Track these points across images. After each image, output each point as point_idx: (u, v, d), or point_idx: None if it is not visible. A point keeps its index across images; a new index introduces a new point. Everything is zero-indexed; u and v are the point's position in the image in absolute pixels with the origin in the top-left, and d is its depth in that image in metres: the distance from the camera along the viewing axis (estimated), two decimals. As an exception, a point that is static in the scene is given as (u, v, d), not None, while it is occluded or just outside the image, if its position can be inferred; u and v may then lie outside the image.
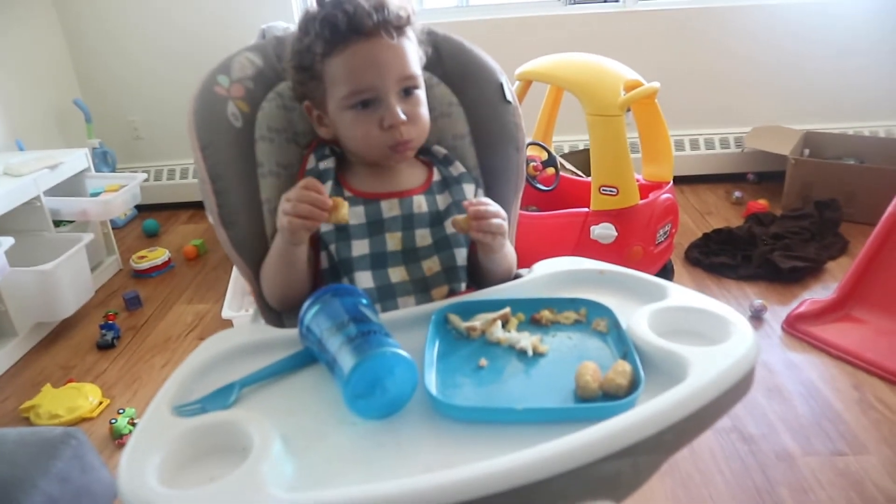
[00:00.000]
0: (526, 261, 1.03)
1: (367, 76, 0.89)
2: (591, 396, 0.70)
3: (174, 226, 3.20)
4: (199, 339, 2.22)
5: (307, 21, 0.91)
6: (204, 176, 0.93)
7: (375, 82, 0.89)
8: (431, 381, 0.73)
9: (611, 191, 2.02)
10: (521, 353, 0.79)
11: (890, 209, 1.95)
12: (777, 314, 2.11)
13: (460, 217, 0.90)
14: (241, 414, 0.70)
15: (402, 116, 0.90)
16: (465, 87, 1.06)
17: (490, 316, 0.84)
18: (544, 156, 2.21)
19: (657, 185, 2.17)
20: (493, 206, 0.90)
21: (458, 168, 1.03)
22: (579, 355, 0.79)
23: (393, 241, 0.96)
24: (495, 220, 0.89)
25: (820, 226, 2.59)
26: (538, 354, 0.79)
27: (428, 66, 1.02)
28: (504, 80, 1.07)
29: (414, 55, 0.93)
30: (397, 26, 0.90)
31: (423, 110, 0.95)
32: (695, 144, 3.21)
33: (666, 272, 2.29)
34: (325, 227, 0.95)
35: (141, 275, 2.68)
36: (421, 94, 0.95)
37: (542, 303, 0.88)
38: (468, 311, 0.87)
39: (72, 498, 1.10)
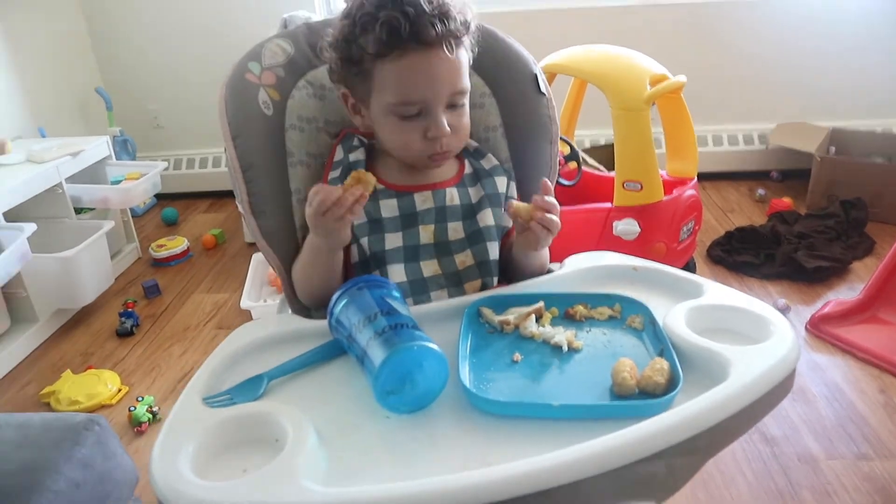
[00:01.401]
0: (553, 254, 1.02)
1: (421, 89, 0.86)
2: (628, 394, 0.69)
3: (193, 215, 3.21)
4: (217, 329, 2.22)
5: (363, 15, 0.84)
6: (235, 164, 0.92)
7: (427, 96, 0.86)
8: (465, 374, 0.72)
9: (635, 186, 2.00)
10: (556, 349, 0.78)
11: (920, 210, 1.92)
12: (801, 314, 2.08)
13: (522, 205, 0.87)
14: (274, 406, 0.69)
15: (448, 129, 0.88)
16: (498, 78, 1.04)
17: (523, 310, 0.83)
18: (567, 150, 2.18)
19: (681, 182, 2.14)
20: (557, 204, 0.88)
21: (490, 161, 1.01)
22: (614, 352, 0.78)
23: (426, 233, 0.95)
24: (555, 219, 0.87)
25: (845, 225, 2.54)
26: (573, 350, 0.78)
27: None
28: (538, 71, 1.05)
29: (467, 66, 0.90)
30: (457, 37, 0.86)
31: (466, 120, 0.93)
32: (718, 140, 3.17)
33: (688, 270, 2.26)
34: (357, 220, 0.93)
35: (160, 263, 2.68)
36: (467, 105, 0.92)
37: (576, 298, 0.87)
38: (501, 304, 0.86)
39: (94, 483, 1.10)
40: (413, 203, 0.95)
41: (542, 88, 1.04)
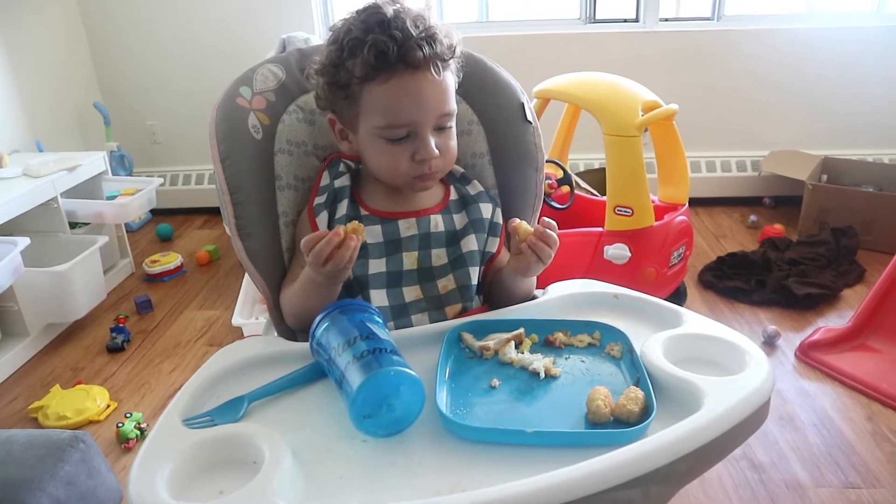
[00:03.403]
0: (539, 279, 1.03)
1: (409, 112, 0.87)
2: (602, 422, 0.70)
3: (188, 231, 3.22)
4: (208, 346, 2.22)
5: (350, 40, 0.86)
6: (223, 187, 0.93)
7: (415, 118, 0.88)
8: (443, 399, 0.73)
9: (626, 211, 2.01)
10: (534, 375, 0.79)
11: (909, 238, 1.93)
12: (791, 341, 2.08)
13: (525, 225, 0.88)
14: (252, 427, 0.70)
15: (436, 151, 0.90)
16: (485, 106, 1.06)
17: (504, 336, 0.84)
18: (560, 174, 2.20)
19: (672, 207, 2.16)
20: (557, 240, 0.88)
21: (475, 187, 1.03)
22: (592, 379, 0.79)
23: (409, 259, 0.96)
24: (550, 251, 0.88)
25: (836, 253, 2.56)
26: (550, 377, 0.79)
27: None
28: (525, 99, 1.07)
29: (453, 89, 0.92)
30: (444, 60, 0.88)
31: (453, 143, 0.95)
32: (711, 167, 3.19)
33: (679, 295, 2.28)
34: None
35: (153, 279, 2.69)
36: (454, 128, 0.94)
37: (557, 325, 0.88)
38: (482, 330, 0.87)
39: (77, 501, 1.10)
40: (397, 230, 0.96)
41: (529, 117, 1.06)
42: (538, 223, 0.89)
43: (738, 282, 2.41)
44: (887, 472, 1.54)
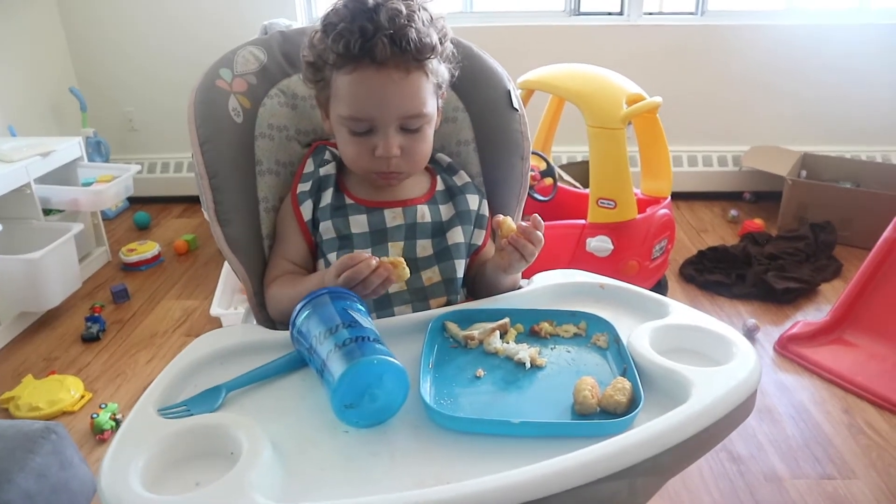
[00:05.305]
0: (523, 271, 1.02)
1: (368, 107, 0.85)
2: (588, 412, 0.69)
3: (166, 219, 3.17)
4: (185, 336, 2.19)
5: (327, 24, 0.84)
6: (202, 171, 0.91)
7: (375, 114, 0.85)
8: (426, 389, 0.72)
9: (609, 204, 2.01)
10: (519, 365, 0.78)
11: (886, 234, 1.95)
12: (769, 334, 2.10)
13: (509, 221, 0.86)
14: (230, 418, 0.68)
15: (396, 151, 0.87)
16: (471, 93, 1.04)
17: (488, 326, 0.82)
18: (543, 166, 2.19)
19: (655, 200, 2.17)
20: (541, 238, 0.87)
21: (462, 177, 1.01)
22: (577, 370, 0.78)
23: (394, 250, 0.94)
24: (534, 249, 0.86)
25: (815, 248, 2.59)
26: (536, 367, 0.78)
27: None
28: (512, 87, 1.05)
29: (427, 90, 0.87)
30: (416, 58, 0.84)
31: (423, 146, 0.91)
32: (693, 161, 3.21)
33: (660, 288, 2.29)
34: (326, 236, 0.93)
35: (130, 268, 2.64)
36: (426, 129, 0.90)
37: (542, 314, 0.87)
38: (466, 319, 0.86)
39: (49, 494, 1.07)
40: (383, 219, 0.94)
41: (515, 104, 1.04)
42: (527, 220, 0.87)
43: (718, 275, 2.43)
44: (862, 464, 1.56)
